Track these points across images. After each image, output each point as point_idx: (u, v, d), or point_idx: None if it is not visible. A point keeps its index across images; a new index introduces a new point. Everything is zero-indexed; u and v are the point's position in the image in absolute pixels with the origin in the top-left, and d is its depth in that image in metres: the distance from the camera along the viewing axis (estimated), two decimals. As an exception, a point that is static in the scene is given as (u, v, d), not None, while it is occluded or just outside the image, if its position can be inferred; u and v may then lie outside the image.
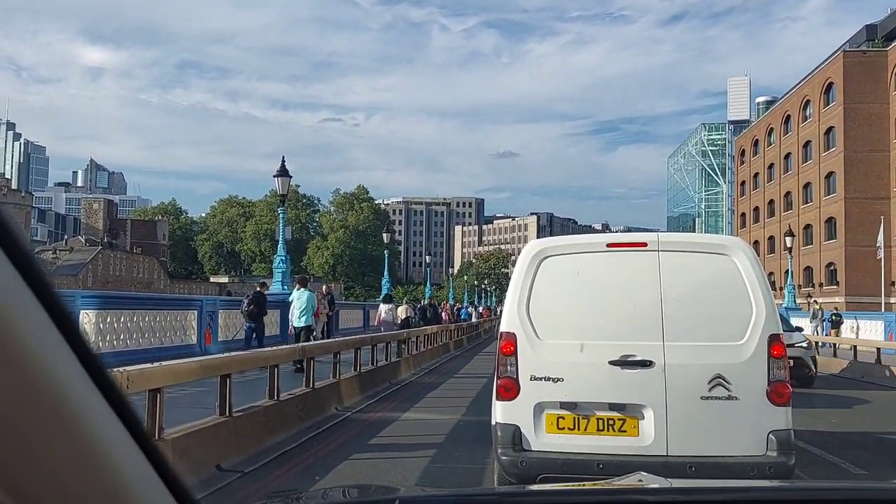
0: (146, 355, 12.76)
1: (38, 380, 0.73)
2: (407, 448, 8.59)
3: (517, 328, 5.41)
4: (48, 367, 0.74)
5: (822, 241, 63.19)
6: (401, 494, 1.48)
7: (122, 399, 0.88)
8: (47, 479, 0.75)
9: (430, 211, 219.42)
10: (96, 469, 0.82)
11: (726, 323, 5.26)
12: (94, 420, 0.82)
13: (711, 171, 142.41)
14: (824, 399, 13.33)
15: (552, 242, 5.87)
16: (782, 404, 5.17)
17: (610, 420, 5.22)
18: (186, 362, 7.34)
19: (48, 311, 0.75)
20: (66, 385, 0.78)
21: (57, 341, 0.77)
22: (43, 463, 0.74)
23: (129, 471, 0.88)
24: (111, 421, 0.86)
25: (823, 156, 62.93)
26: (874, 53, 59.40)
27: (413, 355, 18.74)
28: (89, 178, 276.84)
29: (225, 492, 6.33)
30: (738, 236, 7.56)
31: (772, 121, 77.88)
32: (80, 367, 0.81)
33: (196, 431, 6.82)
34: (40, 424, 0.74)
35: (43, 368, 0.74)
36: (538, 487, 1.82)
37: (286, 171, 23.16)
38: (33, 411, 0.73)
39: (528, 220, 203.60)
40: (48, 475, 0.75)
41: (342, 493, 2.12)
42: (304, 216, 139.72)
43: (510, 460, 5.27)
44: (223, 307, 19.82)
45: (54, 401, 0.76)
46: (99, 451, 0.83)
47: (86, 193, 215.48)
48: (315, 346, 11.59)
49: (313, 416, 9.87)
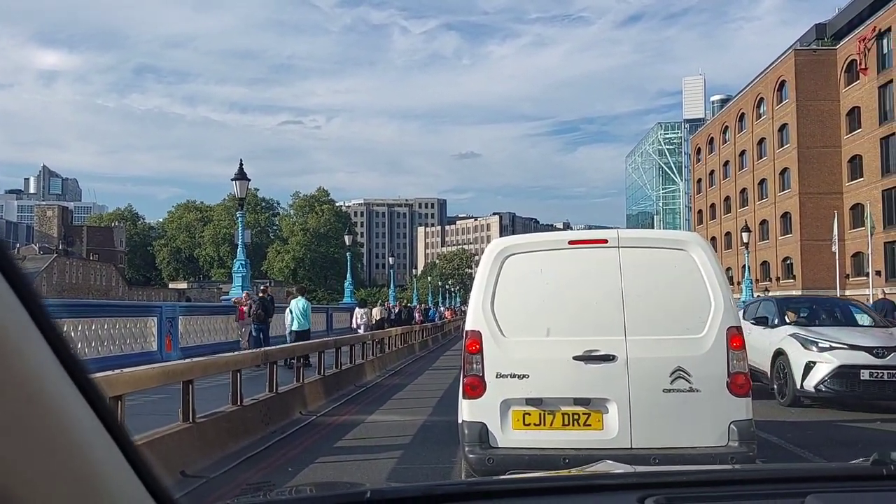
0: (105, 364, 12.54)
1: (21, 383, 0.74)
2: (373, 450, 8.57)
3: (482, 326, 5.45)
4: (32, 371, 0.75)
5: (778, 236, 64.41)
6: (371, 487, 1.49)
7: (102, 400, 0.89)
8: (28, 478, 0.75)
9: (392, 212, 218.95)
10: (76, 468, 0.82)
11: (686, 316, 5.35)
12: (75, 420, 0.83)
13: (668, 169, 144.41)
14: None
15: (515, 241, 5.91)
16: (742, 395, 5.28)
17: (575, 415, 5.28)
18: (148, 369, 7.24)
19: (33, 320, 0.75)
20: (48, 386, 0.78)
21: (39, 344, 0.77)
22: (24, 463, 0.74)
23: (109, 471, 0.88)
24: (91, 421, 0.86)
25: (778, 152, 64.16)
26: (824, 51, 60.72)
27: (378, 357, 18.70)
28: (42, 185, 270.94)
29: (200, 492, 6.27)
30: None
31: (727, 119, 79.18)
32: (62, 370, 0.81)
33: (159, 438, 6.73)
34: (22, 424, 0.75)
35: (27, 372, 0.74)
36: (507, 477, 1.84)
37: (244, 175, 22.93)
38: (15, 412, 0.73)
39: (490, 220, 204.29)
40: (29, 475, 0.75)
41: (309, 490, 2.12)
42: (264, 220, 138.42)
43: (477, 458, 5.30)
44: (183, 313, 19.56)
45: (36, 401, 0.76)
46: (79, 450, 0.83)
47: (38, 201, 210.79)
48: (278, 351, 11.51)
49: (277, 420, 9.80)
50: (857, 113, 56.24)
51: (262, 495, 1.82)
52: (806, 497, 1.39)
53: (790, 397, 11.93)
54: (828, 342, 11.66)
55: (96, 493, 0.85)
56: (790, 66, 61.33)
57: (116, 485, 0.90)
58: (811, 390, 11.57)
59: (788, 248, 62.47)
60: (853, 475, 1.67)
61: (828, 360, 11.47)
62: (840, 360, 11.37)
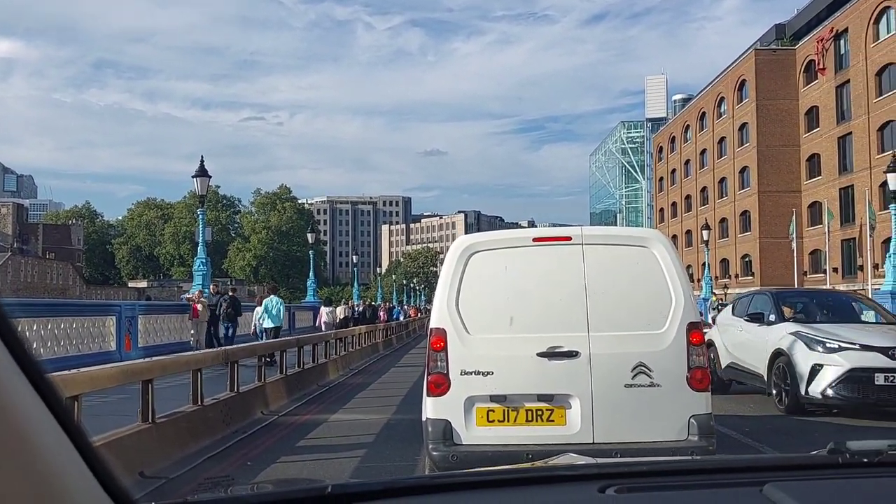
0: (63, 364, 12.31)
1: None
2: (336, 449, 8.52)
3: (447, 324, 5.44)
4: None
5: (738, 234, 65.49)
6: (332, 482, 1.47)
7: (59, 401, 0.87)
8: None
9: (356, 210, 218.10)
10: (32, 470, 0.82)
11: (647, 312, 5.41)
12: (31, 421, 0.82)
13: (631, 168, 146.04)
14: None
15: (480, 238, 5.91)
16: (702, 390, 5.35)
17: (538, 411, 5.31)
18: (106, 368, 7.12)
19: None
20: (3, 387, 0.78)
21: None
22: None
23: (66, 472, 0.86)
24: (48, 422, 0.85)
25: (738, 151, 65.20)
26: (783, 52, 61.84)
27: (342, 356, 18.61)
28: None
29: (159, 492, 6.17)
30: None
31: (688, 118, 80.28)
32: (18, 370, 0.81)
33: (118, 439, 6.61)
34: None
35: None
36: (470, 470, 1.84)
37: (205, 171, 22.68)
38: None
39: (455, 218, 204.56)
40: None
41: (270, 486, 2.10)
42: (225, 217, 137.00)
43: (441, 455, 5.30)
44: (143, 312, 19.28)
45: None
46: (35, 451, 0.82)
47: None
48: (239, 350, 11.39)
49: (239, 420, 9.70)
50: (815, 112, 57.39)
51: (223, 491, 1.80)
52: (764, 486, 1.40)
53: (792, 403, 10.67)
54: (836, 342, 10.37)
55: (53, 494, 0.84)
56: (750, 65, 62.37)
57: (74, 486, 0.88)
58: (817, 396, 10.28)
59: (747, 245, 63.56)
60: (810, 464, 1.70)
61: (837, 363, 10.19)
62: (851, 363, 10.09)
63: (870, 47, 49.25)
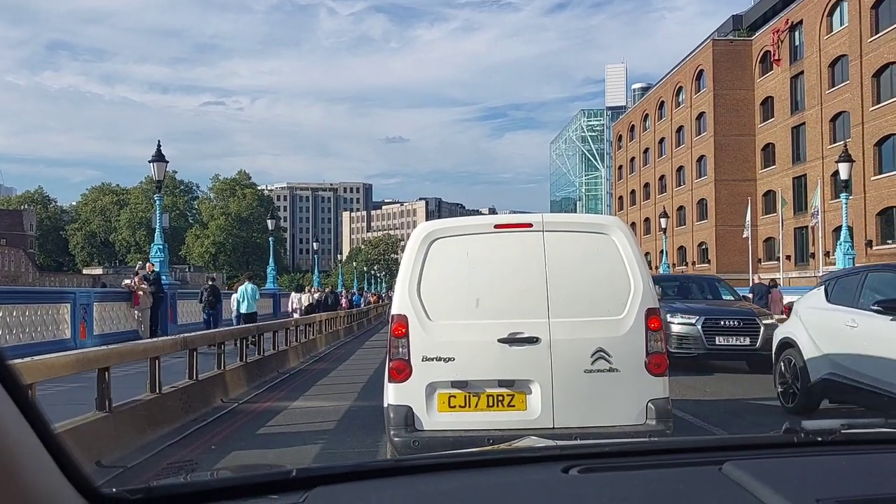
0: (16, 353, 12.07)
1: None
2: (297, 436, 8.49)
3: (408, 310, 5.46)
4: None
5: (695, 222, 66.42)
6: (297, 466, 1.48)
7: (19, 388, 0.86)
8: None
9: (316, 197, 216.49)
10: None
11: (607, 298, 5.48)
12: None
13: (591, 156, 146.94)
14: (698, 369, 14.01)
15: (441, 225, 5.93)
16: (660, 374, 5.45)
17: (499, 396, 5.35)
18: (61, 356, 7.00)
19: None
20: None
21: None
22: None
23: (27, 459, 0.86)
24: (8, 409, 0.85)
25: (695, 140, 66.04)
26: (740, 42, 62.66)
27: (303, 343, 18.52)
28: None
29: (118, 481, 6.09)
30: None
31: (647, 107, 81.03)
32: None
33: (74, 428, 6.51)
34: None
35: None
36: (434, 453, 1.86)
37: (162, 156, 22.37)
38: None
39: (416, 205, 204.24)
40: None
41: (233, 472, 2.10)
42: (182, 203, 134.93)
43: (402, 441, 5.33)
44: (98, 300, 18.95)
45: None
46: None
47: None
48: (198, 337, 11.27)
49: (198, 408, 9.62)
50: (770, 103, 58.32)
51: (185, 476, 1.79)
52: (723, 465, 1.44)
53: None
54: None
55: (13, 481, 0.84)
56: (708, 56, 63.12)
57: (35, 473, 0.88)
58: None
59: (704, 233, 64.52)
60: (767, 443, 1.76)
61: None
62: None
63: (823, 39, 50.16)
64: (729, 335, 14.09)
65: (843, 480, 1.41)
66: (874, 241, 42.87)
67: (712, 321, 14.17)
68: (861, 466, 1.51)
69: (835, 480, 1.41)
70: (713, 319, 14.23)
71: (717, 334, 14.04)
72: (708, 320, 14.16)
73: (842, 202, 27.47)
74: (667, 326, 12.94)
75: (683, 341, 14.06)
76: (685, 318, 14.26)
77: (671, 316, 14.02)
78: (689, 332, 14.04)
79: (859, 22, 43.86)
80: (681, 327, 14.13)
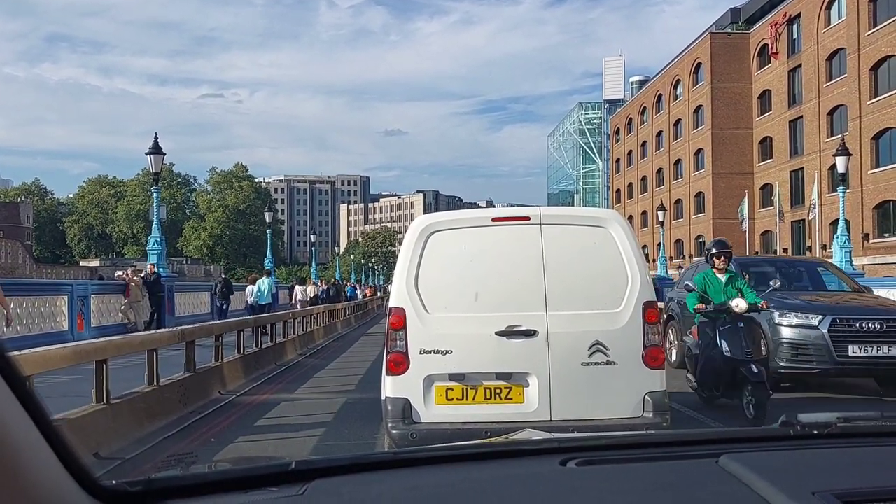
0: (13, 345, 12.06)
1: None
2: (294, 428, 8.51)
3: (406, 303, 5.46)
4: None
5: (692, 215, 66.49)
6: (296, 459, 1.48)
7: (20, 380, 0.86)
8: None
9: (314, 189, 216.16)
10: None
11: (604, 291, 5.49)
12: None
13: (588, 149, 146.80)
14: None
15: (439, 217, 5.92)
16: (657, 367, 5.46)
17: (497, 389, 5.37)
18: (59, 348, 7.00)
19: None
20: None
21: None
22: None
23: (27, 451, 0.86)
24: (8, 400, 0.85)
25: (693, 133, 66.04)
26: (738, 35, 62.61)
27: (300, 336, 18.53)
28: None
29: (119, 470, 6.11)
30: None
31: (645, 100, 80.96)
32: None
33: (71, 420, 6.52)
34: None
35: None
36: (432, 445, 1.86)
37: (159, 148, 22.32)
38: None
39: (414, 197, 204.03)
40: None
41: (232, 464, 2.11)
42: (180, 196, 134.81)
43: (400, 433, 5.34)
44: (96, 291, 18.94)
45: None
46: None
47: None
48: (196, 329, 11.27)
49: (196, 400, 9.62)
50: (768, 96, 58.32)
51: (184, 468, 1.80)
52: (720, 457, 1.45)
53: None
54: None
55: (14, 472, 0.84)
56: (706, 49, 63.05)
57: (35, 464, 0.88)
58: None
59: (701, 226, 64.56)
60: (764, 436, 1.77)
61: None
62: None
63: (821, 33, 50.13)
64: (869, 343, 10.14)
65: (839, 473, 1.42)
66: (871, 234, 42.95)
67: (844, 323, 10.31)
68: (857, 459, 1.53)
69: (831, 473, 1.42)
70: (845, 321, 10.34)
71: (851, 341, 10.14)
72: (837, 321, 10.29)
73: (839, 195, 27.46)
74: (774, 330, 10.30)
75: (801, 351, 10.35)
76: (803, 318, 10.44)
77: (780, 315, 10.44)
78: (810, 339, 10.28)
79: (857, 15, 43.82)
80: (796, 331, 10.40)
